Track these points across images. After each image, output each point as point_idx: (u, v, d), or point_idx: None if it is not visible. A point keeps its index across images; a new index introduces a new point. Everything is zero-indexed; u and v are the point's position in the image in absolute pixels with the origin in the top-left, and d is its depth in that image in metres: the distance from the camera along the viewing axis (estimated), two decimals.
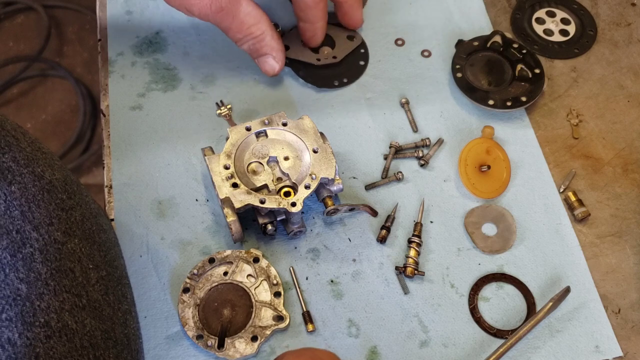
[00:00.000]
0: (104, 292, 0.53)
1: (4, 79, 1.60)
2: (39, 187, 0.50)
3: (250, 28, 0.69)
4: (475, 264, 0.66)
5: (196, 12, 0.67)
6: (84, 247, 0.52)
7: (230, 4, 0.67)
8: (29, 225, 0.47)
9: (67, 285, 0.48)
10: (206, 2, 0.66)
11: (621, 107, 0.75)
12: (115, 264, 0.58)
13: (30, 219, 0.48)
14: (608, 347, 0.62)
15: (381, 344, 0.62)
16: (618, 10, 0.82)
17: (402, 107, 0.75)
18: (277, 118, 0.66)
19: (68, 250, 0.50)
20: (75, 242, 0.51)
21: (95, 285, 0.52)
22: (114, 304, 0.54)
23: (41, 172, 0.51)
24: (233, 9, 0.68)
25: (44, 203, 0.50)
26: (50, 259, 0.48)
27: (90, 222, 0.55)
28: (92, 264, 0.52)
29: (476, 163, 0.70)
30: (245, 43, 0.71)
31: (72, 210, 0.53)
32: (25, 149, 0.51)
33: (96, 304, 0.51)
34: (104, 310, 0.52)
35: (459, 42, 0.77)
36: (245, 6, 0.69)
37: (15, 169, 0.49)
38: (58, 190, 0.52)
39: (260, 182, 0.64)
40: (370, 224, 0.67)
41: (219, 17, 0.68)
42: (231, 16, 0.68)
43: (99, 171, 1.53)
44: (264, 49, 0.71)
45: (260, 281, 0.63)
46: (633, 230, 0.68)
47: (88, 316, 0.49)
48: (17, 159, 0.49)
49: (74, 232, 0.52)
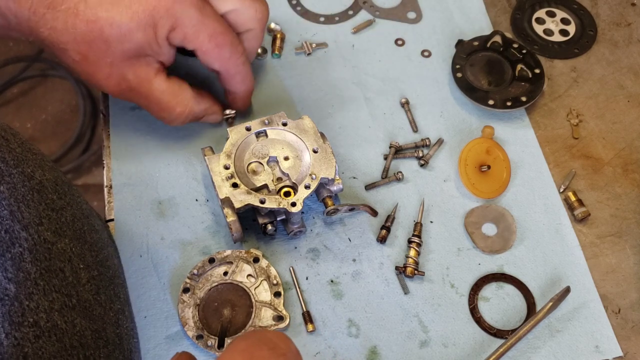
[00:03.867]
0: (95, 291, 0.53)
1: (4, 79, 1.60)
2: (28, 187, 0.50)
3: (171, 107, 0.63)
4: (475, 264, 0.66)
5: (107, 91, 0.62)
6: (75, 247, 0.52)
7: (140, 84, 0.61)
8: (18, 225, 0.47)
9: (57, 285, 0.48)
10: (113, 83, 0.60)
11: (621, 107, 0.75)
12: (107, 263, 0.58)
13: (20, 218, 0.47)
14: (608, 347, 0.62)
15: (381, 344, 0.62)
16: (618, 10, 0.82)
17: (402, 107, 0.74)
18: (277, 118, 0.66)
19: (58, 250, 0.50)
20: (65, 242, 0.51)
21: (85, 285, 0.52)
22: (105, 304, 0.54)
23: (31, 173, 0.51)
24: (144, 89, 0.61)
25: (33, 203, 0.49)
26: (39, 259, 0.47)
27: (81, 222, 0.55)
28: (83, 263, 0.52)
29: (476, 163, 0.70)
30: (173, 122, 0.66)
31: (63, 210, 0.53)
32: (15, 150, 0.51)
33: (87, 304, 0.51)
34: (95, 310, 0.52)
35: (459, 42, 0.77)
36: (158, 84, 0.61)
37: (4, 169, 0.49)
38: (48, 191, 0.52)
39: (260, 182, 0.64)
40: (370, 224, 0.67)
41: (131, 97, 0.63)
42: (144, 96, 0.62)
43: (99, 171, 1.53)
44: (196, 117, 0.67)
45: (260, 281, 0.63)
46: (633, 230, 0.68)
47: (78, 316, 0.49)
48: (6, 159, 0.49)
49: (64, 232, 0.51)
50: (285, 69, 0.77)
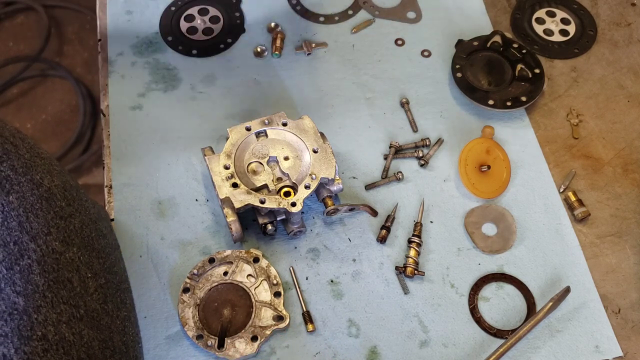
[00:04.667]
0: (103, 300, 0.52)
1: (4, 79, 1.60)
2: (37, 195, 0.49)
3: None
4: (475, 264, 0.66)
5: None
6: (83, 256, 0.51)
7: None
8: (27, 236, 0.46)
9: (65, 296, 0.47)
10: None
11: (621, 107, 0.75)
12: (114, 269, 0.57)
13: (28, 229, 0.46)
14: (608, 347, 0.62)
15: (381, 344, 0.62)
16: (618, 10, 0.82)
17: (402, 107, 0.74)
18: (277, 118, 0.66)
19: (66, 259, 0.49)
20: (73, 250, 0.50)
21: (93, 295, 0.51)
22: (112, 312, 0.53)
23: (40, 180, 0.50)
24: None
25: (42, 212, 0.48)
26: (48, 270, 0.47)
27: (89, 229, 0.54)
28: (91, 272, 0.52)
29: (476, 163, 0.70)
30: None
31: (71, 217, 0.52)
32: (24, 156, 0.50)
33: (94, 314, 0.50)
34: (102, 320, 0.51)
35: (459, 42, 0.77)
36: None
37: (13, 178, 0.47)
38: (57, 198, 0.51)
39: (260, 182, 0.64)
40: (370, 224, 0.67)
41: None
42: None
43: (99, 171, 1.53)
44: None
45: (260, 281, 0.63)
46: (633, 230, 0.68)
47: (86, 327, 0.48)
48: (15, 167, 0.48)
49: (72, 241, 0.51)
50: (285, 69, 0.77)
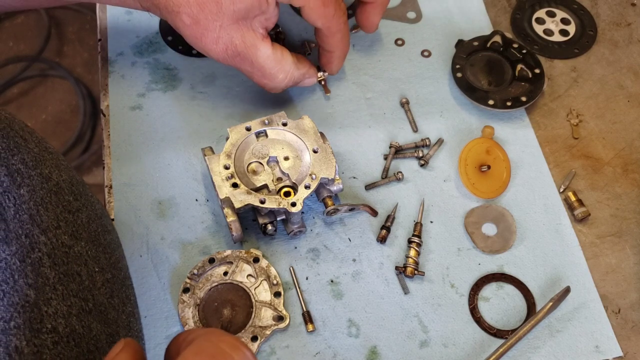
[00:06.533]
0: (109, 295, 0.52)
1: (4, 79, 1.60)
2: (46, 189, 0.49)
3: (274, 73, 0.66)
4: (475, 264, 0.66)
5: (213, 56, 0.64)
6: (90, 250, 0.51)
7: (247, 49, 0.63)
8: (38, 229, 0.46)
9: (74, 289, 0.47)
10: (221, 48, 0.63)
11: (621, 107, 0.75)
12: (119, 265, 0.57)
13: (39, 222, 0.46)
14: (608, 347, 0.62)
15: (381, 344, 0.62)
16: (618, 10, 0.82)
17: (402, 107, 0.75)
18: (277, 118, 0.66)
19: (75, 253, 0.49)
20: (81, 244, 0.50)
21: (100, 289, 0.51)
22: (118, 307, 0.53)
23: (49, 174, 0.50)
24: (250, 54, 0.64)
25: (51, 206, 0.48)
26: (58, 263, 0.46)
27: (95, 224, 0.54)
28: (98, 266, 0.52)
29: (476, 163, 0.70)
30: (275, 89, 0.68)
31: (79, 212, 0.52)
32: (33, 150, 0.50)
33: (102, 308, 0.50)
34: (109, 314, 0.51)
35: (459, 42, 0.77)
36: (264, 50, 0.64)
37: (24, 171, 0.47)
38: (65, 192, 0.51)
39: (260, 182, 0.64)
40: (370, 224, 0.67)
41: (237, 63, 0.65)
42: (249, 61, 0.64)
43: (99, 171, 1.53)
44: (295, 82, 0.69)
45: (260, 281, 0.63)
46: (633, 230, 0.68)
47: (94, 320, 0.48)
48: (25, 160, 0.48)
49: (80, 235, 0.51)
50: None
